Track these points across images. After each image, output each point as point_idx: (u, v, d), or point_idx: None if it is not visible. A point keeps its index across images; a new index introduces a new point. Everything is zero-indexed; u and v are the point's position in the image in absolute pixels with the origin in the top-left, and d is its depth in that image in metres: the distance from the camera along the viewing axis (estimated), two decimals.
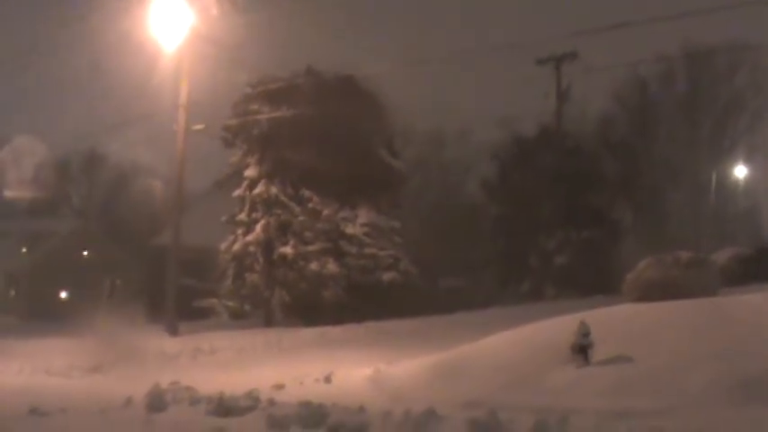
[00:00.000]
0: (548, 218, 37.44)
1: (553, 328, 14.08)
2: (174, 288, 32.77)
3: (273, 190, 34.97)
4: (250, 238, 34.77)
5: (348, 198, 35.78)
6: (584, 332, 12.39)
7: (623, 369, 11.87)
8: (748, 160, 51.23)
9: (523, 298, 34.76)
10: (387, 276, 35.05)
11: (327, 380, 15.92)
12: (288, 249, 34.27)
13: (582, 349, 12.32)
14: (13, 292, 62.61)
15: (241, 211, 35.55)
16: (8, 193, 49.59)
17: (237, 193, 35.83)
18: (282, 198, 34.99)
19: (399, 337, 23.37)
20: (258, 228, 34.59)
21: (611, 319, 13.83)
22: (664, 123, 49.31)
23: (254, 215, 35.12)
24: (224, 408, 11.85)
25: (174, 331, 31.46)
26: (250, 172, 35.56)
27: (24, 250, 63.54)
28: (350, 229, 35.23)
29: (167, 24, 32.87)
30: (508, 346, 14.21)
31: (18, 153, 78.55)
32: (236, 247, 35.06)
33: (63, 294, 61.52)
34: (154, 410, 12.40)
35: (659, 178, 48.04)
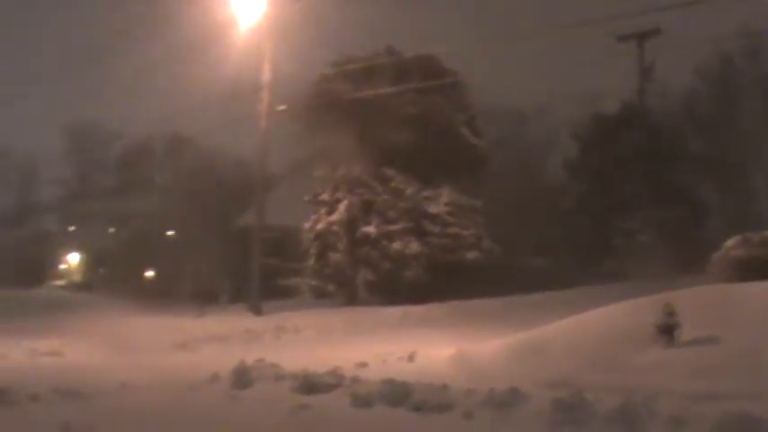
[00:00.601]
0: (630, 196, 36.91)
1: (637, 307, 13.91)
2: (258, 267, 33.18)
3: (356, 170, 35.07)
4: (333, 217, 34.92)
5: (430, 177, 35.69)
6: (670, 312, 12.23)
7: (710, 350, 11.70)
8: None
9: (605, 278, 34.34)
10: (469, 256, 34.91)
11: (410, 358, 15.98)
12: (371, 229, 34.33)
13: (667, 329, 12.16)
14: (101, 271, 63.89)
15: (324, 190, 35.72)
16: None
17: (320, 173, 36.00)
18: (365, 177, 35.07)
19: (481, 317, 23.31)
20: (341, 207, 34.72)
21: (697, 300, 13.60)
22: (748, 100, 48.19)
23: (337, 195, 35.26)
24: (308, 385, 11.97)
25: (258, 310, 31.85)
26: (332, 152, 35.69)
27: (112, 230, 64.77)
28: (432, 209, 35.14)
29: (249, 5, 33.17)
30: (591, 326, 14.09)
31: (104, 136, 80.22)
32: (320, 226, 35.24)
33: (148, 273, 62.59)
34: (239, 387, 12.59)
35: (744, 156, 47.01)
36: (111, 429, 9.34)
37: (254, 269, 33.47)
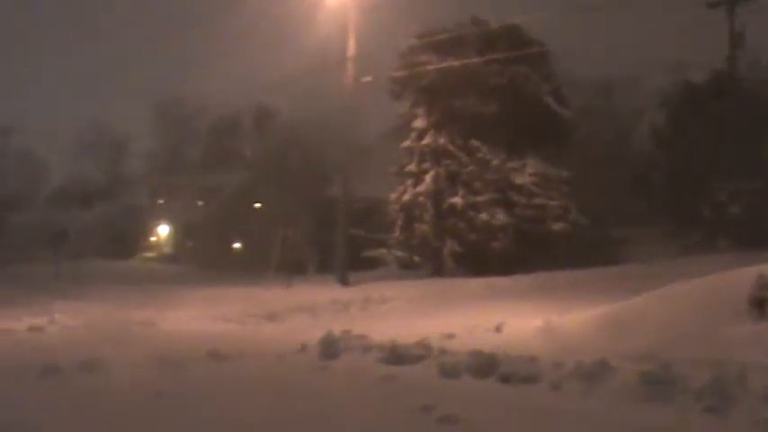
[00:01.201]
0: (720, 167, 36.21)
1: (727, 280, 13.66)
2: (345, 239, 33.40)
3: (442, 140, 35.01)
4: (420, 188, 34.91)
5: (516, 148, 35.46)
6: (763, 284, 12.00)
7: None
8: None
9: (694, 249, 33.81)
10: (556, 227, 34.65)
11: (497, 330, 15.96)
12: (457, 200, 34.26)
13: (760, 303, 11.94)
14: (189, 243, 64.93)
15: (410, 161, 35.73)
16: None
17: (406, 144, 36.03)
18: (451, 148, 34.99)
19: (568, 288, 23.14)
20: (428, 178, 34.69)
21: None
22: None
23: (423, 166, 35.24)
24: (396, 356, 12.07)
25: (344, 281, 32.09)
26: (418, 123, 35.69)
27: (200, 203, 65.72)
28: (519, 179, 34.94)
29: None
30: (680, 299, 13.90)
31: (192, 110, 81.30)
32: (406, 197, 35.28)
33: (236, 245, 63.44)
34: (327, 357, 12.75)
35: None
36: (201, 398, 9.53)
37: (341, 240, 33.71)
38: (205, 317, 22.38)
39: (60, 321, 20.46)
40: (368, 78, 34.19)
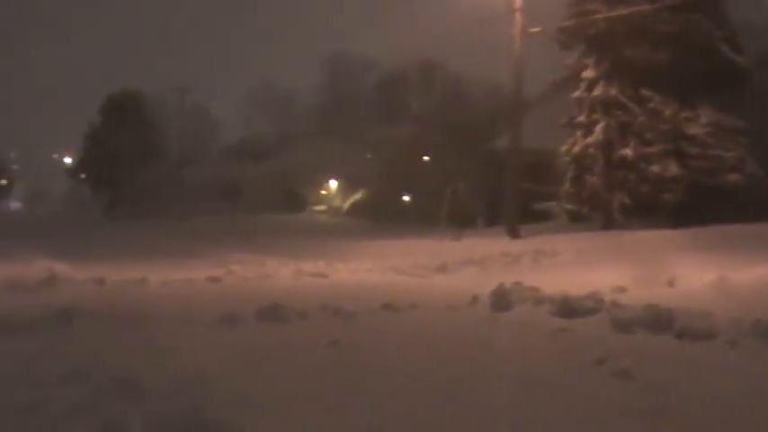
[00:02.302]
0: None
1: None
2: (514, 191, 33.33)
3: (612, 91, 34.39)
4: (589, 140, 34.46)
5: (689, 97, 34.51)
6: None
7: None
8: None
9: None
10: (731, 178, 33.67)
11: (670, 284, 15.73)
12: (628, 151, 33.66)
13: None
14: (359, 196, 65.92)
15: (579, 113, 35.27)
16: None
17: (575, 95, 35.56)
18: (622, 99, 34.34)
19: (744, 242, 22.49)
20: (598, 129, 34.19)
21: None
22: None
23: (593, 117, 34.74)
24: (568, 308, 12.06)
25: (514, 234, 32.09)
26: (588, 73, 35.14)
27: (369, 157, 66.52)
28: (692, 130, 34.04)
29: None
30: None
31: (359, 65, 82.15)
32: (576, 149, 34.89)
33: (405, 198, 64.03)
34: (499, 309, 12.85)
35: None
36: (374, 346, 9.75)
37: (511, 193, 33.68)
38: (376, 268, 22.77)
39: (237, 272, 21.18)
40: (536, 29, 33.86)
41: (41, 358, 8.97)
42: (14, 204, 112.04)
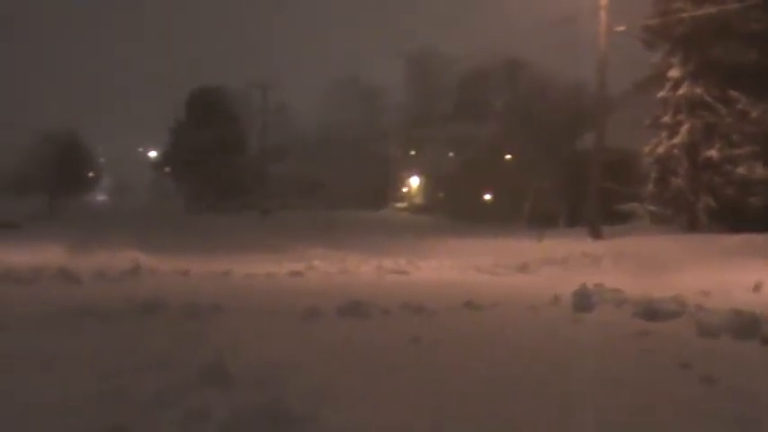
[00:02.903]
0: None
1: None
2: (597, 191, 33.03)
3: (698, 91, 33.81)
4: (674, 140, 33.95)
5: None
6: None
7: None
8: None
9: None
10: None
11: (755, 289, 15.51)
12: (713, 153, 33.07)
13: None
14: (441, 194, 65.89)
15: (664, 113, 34.77)
16: None
17: (660, 95, 35.06)
18: (708, 99, 33.73)
19: None
20: (683, 130, 33.66)
21: None
22: None
23: (677, 117, 34.21)
24: (650, 311, 11.95)
25: (596, 234, 31.82)
26: (673, 73, 34.60)
27: (451, 155, 66.46)
28: None
29: None
30: None
31: (442, 62, 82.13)
32: (660, 150, 34.39)
33: (487, 196, 63.84)
34: (580, 310, 12.80)
35: None
36: (456, 344, 9.77)
37: (593, 192, 33.39)
38: (457, 267, 22.81)
39: (318, 268, 21.38)
40: (621, 28, 33.51)
41: (127, 347, 9.19)
42: (101, 197, 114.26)
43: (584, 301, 13.11)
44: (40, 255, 24.89)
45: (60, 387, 7.31)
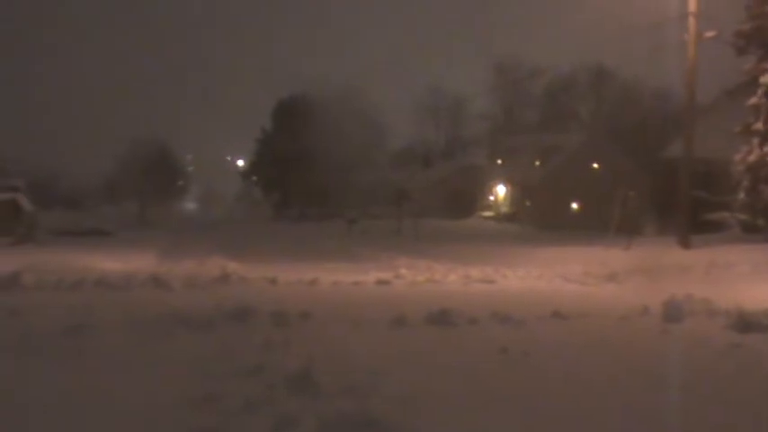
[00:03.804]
0: None
1: None
2: (686, 200, 32.51)
3: None
4: (766, 148, 33.29)
5: None
6: None
7: None
8: None
9: None
10: None
11: None
12: None
13: None
14: (527, 203, 65.51)
15: (756, 120, 34.10)
16: None
17: (752, 101, 34.40)
18: None
19: None
20: None
21: None
22: None
23: None
24: (743, 323, 11.75)
25: (685, 244, 31.34)
26: (766, 78, 33.96)
27: (537, 163, 66.04)
28: None
29: None
30: None
31: (528, 70, 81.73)
32: (752, 158, 33.72)
33: (573, 205, 63.30)
34: (670, 320, 12.61)
35: None
36: (543, 355, 9.74)
37: (682, 201, 32.84)
38: (544, 276, 22.63)
39: (405, 276, 21.41)
40: (711, 33, 32.95)
41: (217, 354, 9.35)
42: (190, 205, 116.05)
43: (674, 311, 12.92)
44: (131, 262, 25.39)
45: (153, 391, 7.49)
